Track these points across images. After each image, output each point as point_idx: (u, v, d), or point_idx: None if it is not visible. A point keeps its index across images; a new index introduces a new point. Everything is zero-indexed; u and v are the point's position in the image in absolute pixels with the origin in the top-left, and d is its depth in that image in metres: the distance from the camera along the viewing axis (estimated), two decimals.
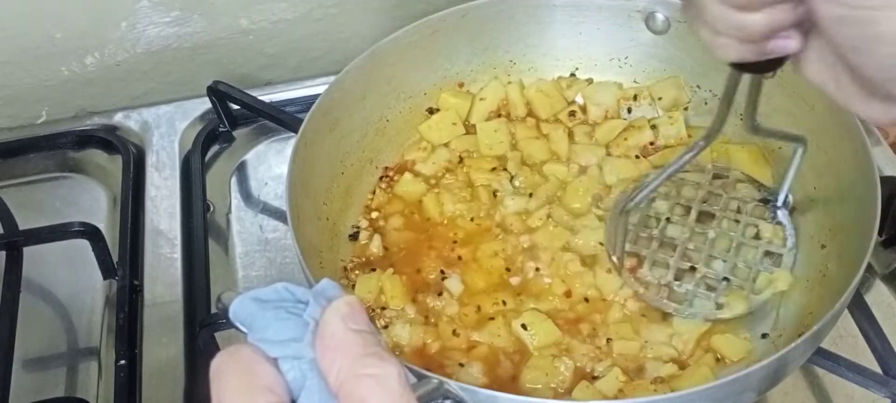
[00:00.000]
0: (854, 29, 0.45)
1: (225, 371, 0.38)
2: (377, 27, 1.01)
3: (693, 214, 0.78)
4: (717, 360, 0.70)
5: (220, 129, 0.97)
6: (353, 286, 0.76)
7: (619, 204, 0.76)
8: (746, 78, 0.61)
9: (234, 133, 0.97)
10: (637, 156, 0.84)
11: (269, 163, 0.95)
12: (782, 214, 0.77)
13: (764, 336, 0.72)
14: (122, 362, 0.76)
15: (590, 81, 0.89)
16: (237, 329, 0.41)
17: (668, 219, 0.78)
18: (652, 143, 0.85)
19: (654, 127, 0.85)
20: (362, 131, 0.84)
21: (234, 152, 0.96)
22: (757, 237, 0.76)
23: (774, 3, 0.47)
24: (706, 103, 0.86)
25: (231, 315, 0.41)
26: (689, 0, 0.51)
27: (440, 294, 0.75)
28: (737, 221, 0.77)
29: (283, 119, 0.91)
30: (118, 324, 0.79)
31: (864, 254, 0.64)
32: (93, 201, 0.93)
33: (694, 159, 0.70)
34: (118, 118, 1.00)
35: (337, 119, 0.81)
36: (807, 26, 0.49)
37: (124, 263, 0.83)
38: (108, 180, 0.94)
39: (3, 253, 0.83)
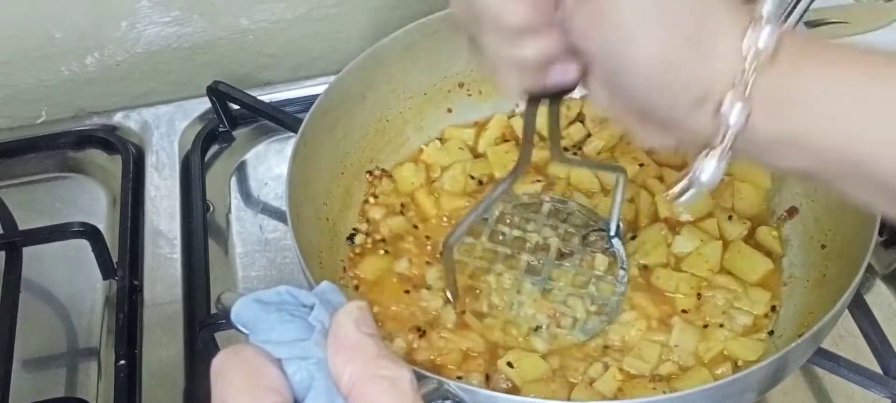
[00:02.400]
0: (611, 60, 0.47)
1: (228, 371, 0.39)
2: (377, 27, 1.01)
3: (529, 246, 0.77)
4: (736, 366, 0.70)
5: (220, 129, 0.97)
6: (356, 287, 0.76)
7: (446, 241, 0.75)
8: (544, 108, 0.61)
9: (234, 133, 0.97)
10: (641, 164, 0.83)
11: (269, 163, 0.95)
12: (616, 243, 0.77)
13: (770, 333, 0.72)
14: (122, 362, 0.76)
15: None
16: (238, 330, 0.41)
17: (508, 253, 0.77)
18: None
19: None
20: (362, 131, 0.84)
21: (234, 152, 0.96)
22: (591, 267, 0.76)
23: (543, 32, 0.48)
24: None
25: (233, 316, 0.41)
26: (469, 38, 0.52)
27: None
28: (571, 253, 0.77)
29: (283, 119, 0.91)
30: (118, 324, 0.78)
31: (865, 254, 0.64)
32: (92, 201, 0.93)
33: (505, 192, 0.70)
34: (118, 118, 1.00)
35: (337, 119, 0.81)
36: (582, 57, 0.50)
37: (124, 263, 0.83)
38: (107, 180, 0.94)
39: (3, 253, 0.83)
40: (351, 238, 0.80)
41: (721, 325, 0.71)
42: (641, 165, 0.82)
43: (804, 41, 0.47)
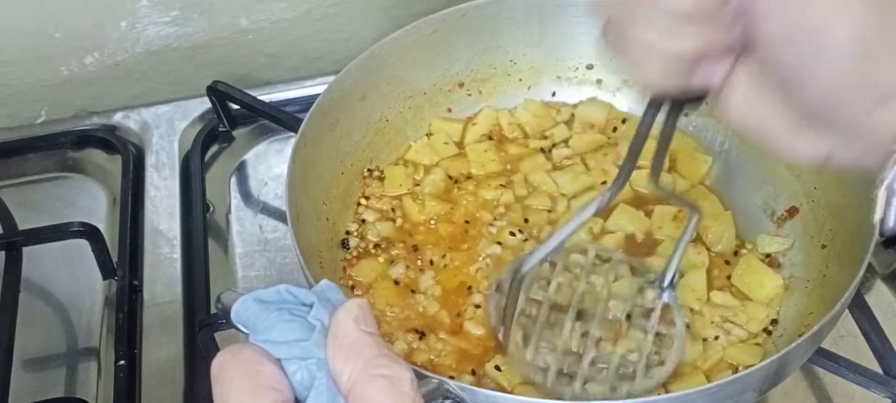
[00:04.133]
0: (799, 47, 0.42)
1: (229, 371, 0.38)
2: (377, 27, 1.01)
3: (577, 297, 0.72)
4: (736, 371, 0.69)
5: (220, 129, 0.97)
6: (352, 287, 0.76)
7: (507, 275, 0.69)
8: (657, 126, 0.55)
9: (234, 133, 0.97)
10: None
11: (269, 163, 0.95)
12: (668, 295, 0.70)
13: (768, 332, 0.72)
14: (122, 362, 0.76)
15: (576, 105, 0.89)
16: (238, 329, 0.41)
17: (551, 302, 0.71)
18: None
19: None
20: (362, 131, 0.84)
21: (234, 152, 0.96)
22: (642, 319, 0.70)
23: (710, 19, 0.44)
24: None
25: (233, 316, 0.41)
26: (611, 22, 0.48)
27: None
28: (623, 302, 0.71)
29: (283, 119, 0.91)
30: (118, 324, 0.78)
31: (865, 255, 0.64)
32: (92, 201, 0.93)
33: (596, 212, 0.61)
34: (117, 118, 1.00)
35: (337, 119, 0.80)
36: (733, 55, 0.46)
37: (124, 263, 0.83)
38: (107, 180, 0.94)
39: (3, 253, 0.83)
40: (344, 243, 0.79)
41: (716, 337, 0.71)
42: (603, 183, 0.82)
43: None
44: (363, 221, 0.81)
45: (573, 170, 0.84)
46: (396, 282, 0.76)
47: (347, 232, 0.80)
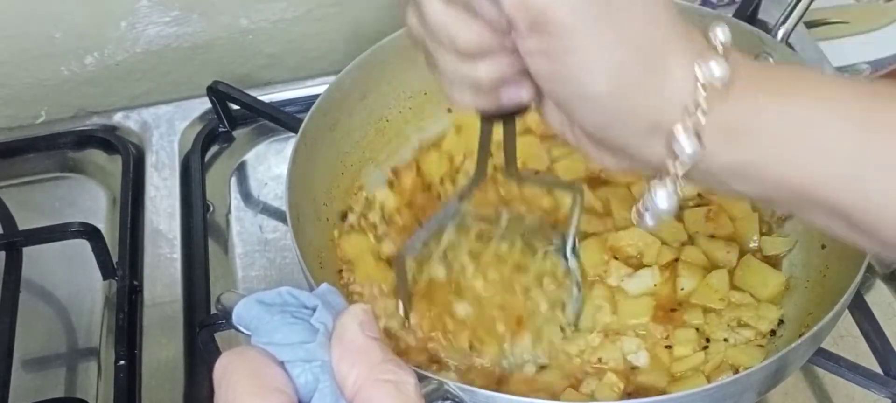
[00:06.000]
0: (561, 85, 0.46)
1: (232, 373, 0.39)
2: (377, 27, 1.01)
3: (486, 259, 0.74)
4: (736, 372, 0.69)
5: (220, 129, 0.97)
6: (349, 291, 0.76)
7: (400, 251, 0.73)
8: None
9: (234, 133, 0.97)
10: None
11: (269, 163, 0.95)
12: (572, 261, 0.73)
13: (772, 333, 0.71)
14: (122, 362, 0.76)
15: None
16: (238, 330, 0.41)
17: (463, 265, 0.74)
18: None
19: None
20: (362, 131, 0.84)
21: (234, 152, 0.96)
22: (543, 284, 0.73)
23: (496, 54, 0.48)
24: None
25: (235, 318, 0.41)
26: (425, 52, 0.52)
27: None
28: (526, 268, 0.73)
29: (283, 119, 0.91)
30: (118, 324, 0.78)
31: (865, 255, 0.64)
32: (92, 201, 0.93)
33: (457, 208, 0.68)
34: (117, 118, 1.00)
35: (337, 119, 0.80)
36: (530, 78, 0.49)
37: (124, 263, 0.83)
38: (107, 180, 0.94)
39: (3, 253, 0.83)
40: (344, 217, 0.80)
41: (726, 339, 0.71)
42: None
43: (758, 69, 0.46)
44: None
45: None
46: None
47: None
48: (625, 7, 0.44)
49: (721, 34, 0.45)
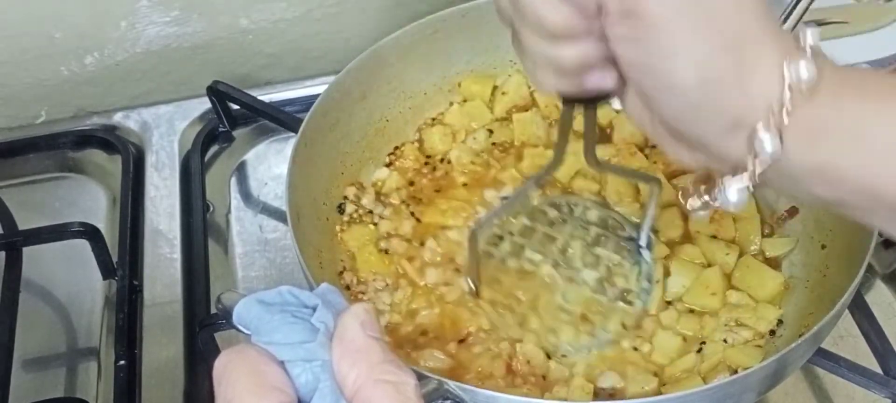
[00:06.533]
0: (649, 74, 0.46)
1: (232, 371, 0.39)
2: (377, 27, 1.01)
3: (558, 246, 0.76)
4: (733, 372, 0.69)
5: (220, 129, 0.97)
6: (347, 293, 0.76)
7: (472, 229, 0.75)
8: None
9: (234, 133, 0.97)
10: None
11: (269, 163, 0.95)
12: (645, 254, 0.74)
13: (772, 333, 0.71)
14: (122, 362, 0.76)
15: None
16: (239, 330, 0.41)
17: (536, 251, 0.75)
18: None
19: None
20: (362, 131, 0.84)
21: (234, 152, 0.96)
22: (614, 275, 0.74)
23: (582, 38, 0.48)
24: None
25: (235, 317, 0.41)
26: (513, 33, 0.51)
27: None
28: (598, 258, 0.75)
29: (283, 119, 0.91)
30: (118, 324, 0.78)
31: (865, 254, 0.64)
32: (92, 201, 0.93)
33: (532, 189, 0.70)
34: (118, 118, 1.00)
35: (337, 119, 0.80)
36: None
37: (124, 263, 0.83)
38: (107, 180, 0.94)
39: (3, 253, 0.83)
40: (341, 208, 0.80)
41: (724, 340, 0.71)
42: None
43: (845, 72, 0.46)
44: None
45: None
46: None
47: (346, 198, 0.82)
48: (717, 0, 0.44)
49: (811, 37, 0.45)
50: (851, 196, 0.46)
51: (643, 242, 0.74)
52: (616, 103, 0.53)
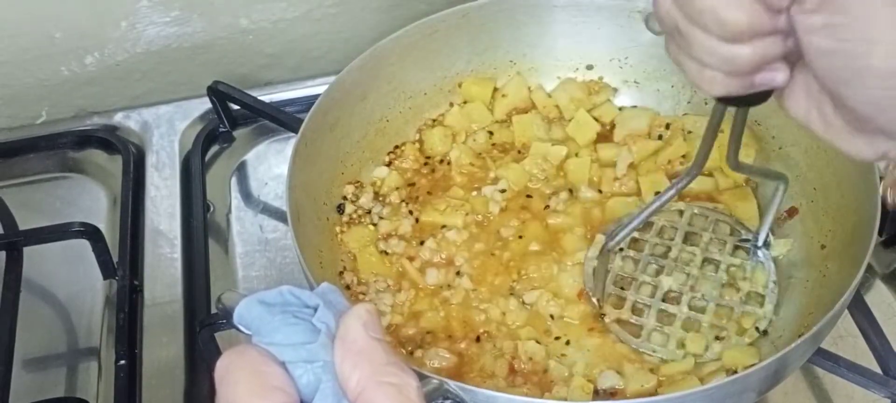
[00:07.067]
0: (843, 61, 0.45)
1: (233, 372, 0.38)
2: (377, 27, 1.01)
3: (673, 255, 0.76)
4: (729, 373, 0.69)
5: (220, 129, 0.97)
6: (347, 293, 0.76)
7: (602, 245, 0.75)
8: (730, 111, 0.60)
9: (234, 133, 0.97)
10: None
11: (269, 163, 0.95)
12: (763, 254, 0.75)
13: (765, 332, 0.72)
14: (122, 362, 0.76)
15: (615, 90, 0.89)
16: (239, 330, 0.41)
17: (648, 262, 0.76)
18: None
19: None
20: (362, 131, 0.84)
21: (234, 152, 0.96)
22: (736, 279, 0.74)
23: (764, 35, 0.47)
24: (706, 103, 0.86)
25: (236, 318, 0.41)
26: (672, 34, 0.50)
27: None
28: (717, 263, 0.75)
29: (283, 119, 0.91)
30: (118, 324, 0.79)
31: (864, 254, 0.64)
32: (93, 201, 0.93)
33: (676, 195, 0.69)
34: (118, 118, 1.00)
35: (337, 119, 0.81)
36: (793, 59, 0.49)
37: (124, 263, 0.83)
38: (108, 180, 0.94)
39: (3, 253, 0.83)
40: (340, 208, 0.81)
41: (718, 337, 0.71)
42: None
43: None
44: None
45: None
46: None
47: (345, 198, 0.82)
48: None
49: None
50: None
51: (761, 242, 0.75)
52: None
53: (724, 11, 0.46)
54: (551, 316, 0.73)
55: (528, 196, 0.81)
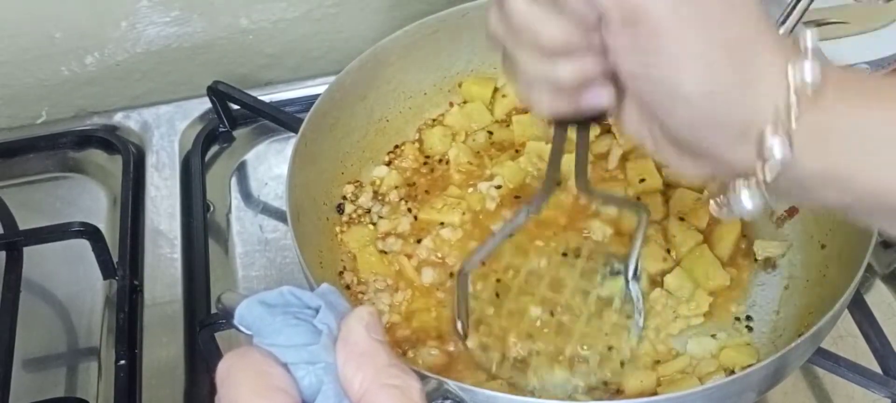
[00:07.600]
0: (653, 86, 0.45)
1: (235, 373, 0.39)
2: (377, 27, 1.01)
3: (543, 284, 0.74)
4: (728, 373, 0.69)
5: (220, 129, 0.97)
6: (347, 293, 0.76)
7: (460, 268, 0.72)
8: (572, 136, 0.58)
9: (234, 133, 0.97)
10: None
11: (269, 163, 0.95)
12: (633, 286, 0.71)
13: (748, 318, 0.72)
14: (122, 362, 0.76)
15: None
16: (240, 330, 0.41)
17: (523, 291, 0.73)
18: None
19: None
20: (362, 131, 0.84)
21: (234, 152, 0.96)
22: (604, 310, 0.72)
23: (582, 53, 0.47)
24: None
25: (237, 319, 0.41)
26: (504, 54, 0.51)
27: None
28: (587, 293, 0.73)
29: (283, 119, 0.91)
30: (118, 324, 0.79)
31: (864, 254, 0.64)
32: (93, 201, 0.93)
33: (526, 220, 0.65)
34: (118, 118, 1.00)
35: (337, 119, 0.81)
36: (614, 81, 0.49)
37: (124, 263, 0.83)
38: (108, 180, 0.94)
39: (3, 253, 0.83)
40: (340, 207, 0.80)
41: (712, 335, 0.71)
42: (642, 180, 0.80)
43: (846, 74, 0.45)
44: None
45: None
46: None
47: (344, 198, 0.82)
48: (719, 4, 0.43)
49: (810, 39, 0.44)
50: (860, 201, 0.45)
51: (631, 274, 0.72)
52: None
53: (540, 28, 0.47)
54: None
55: (517, 197, 0.81)
